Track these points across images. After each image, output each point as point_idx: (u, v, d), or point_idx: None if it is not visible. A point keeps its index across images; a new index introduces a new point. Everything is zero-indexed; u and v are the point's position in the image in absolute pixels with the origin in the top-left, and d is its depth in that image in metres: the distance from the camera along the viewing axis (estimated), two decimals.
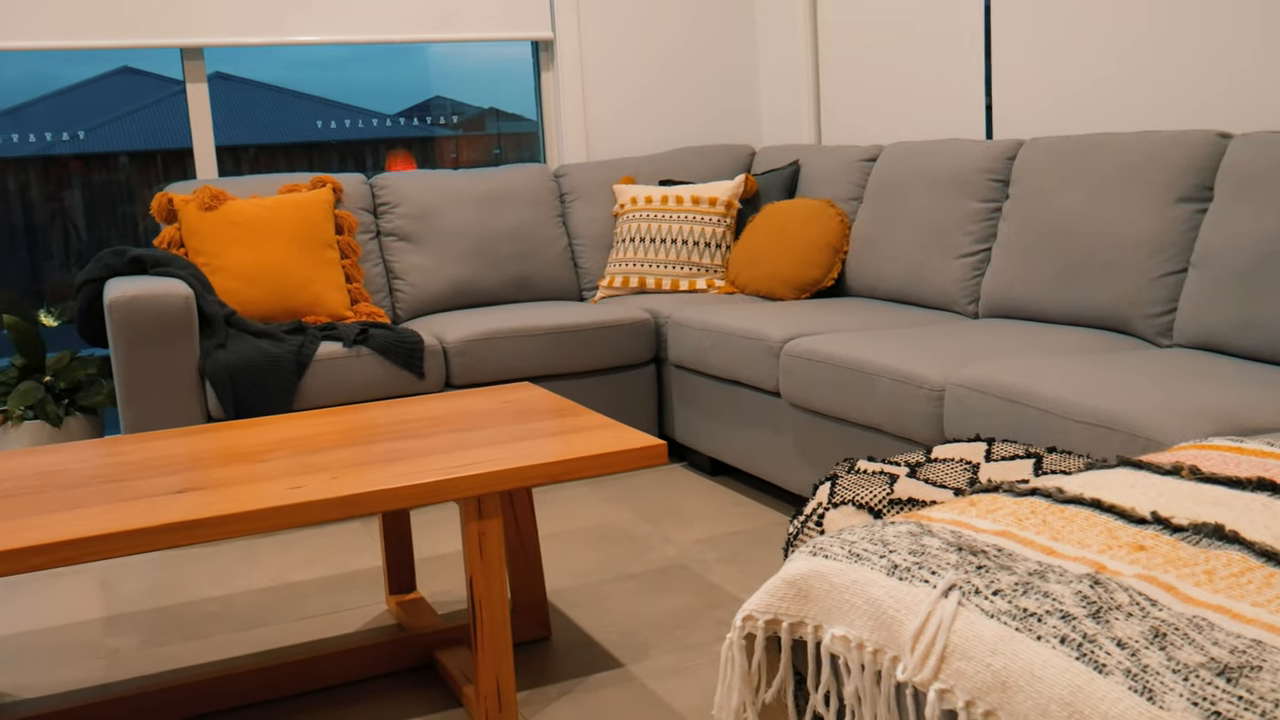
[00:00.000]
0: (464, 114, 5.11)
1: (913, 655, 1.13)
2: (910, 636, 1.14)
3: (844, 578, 1.24)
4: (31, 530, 1.76)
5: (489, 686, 2.07)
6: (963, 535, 1.28)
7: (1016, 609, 1.10)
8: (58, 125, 4.58)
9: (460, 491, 1.95)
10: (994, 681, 1.06)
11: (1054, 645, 1.04)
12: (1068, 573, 1.17)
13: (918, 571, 1.20)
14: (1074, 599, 1.10)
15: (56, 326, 4.62)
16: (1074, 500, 1.37)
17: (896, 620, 1.17)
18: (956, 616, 1.12)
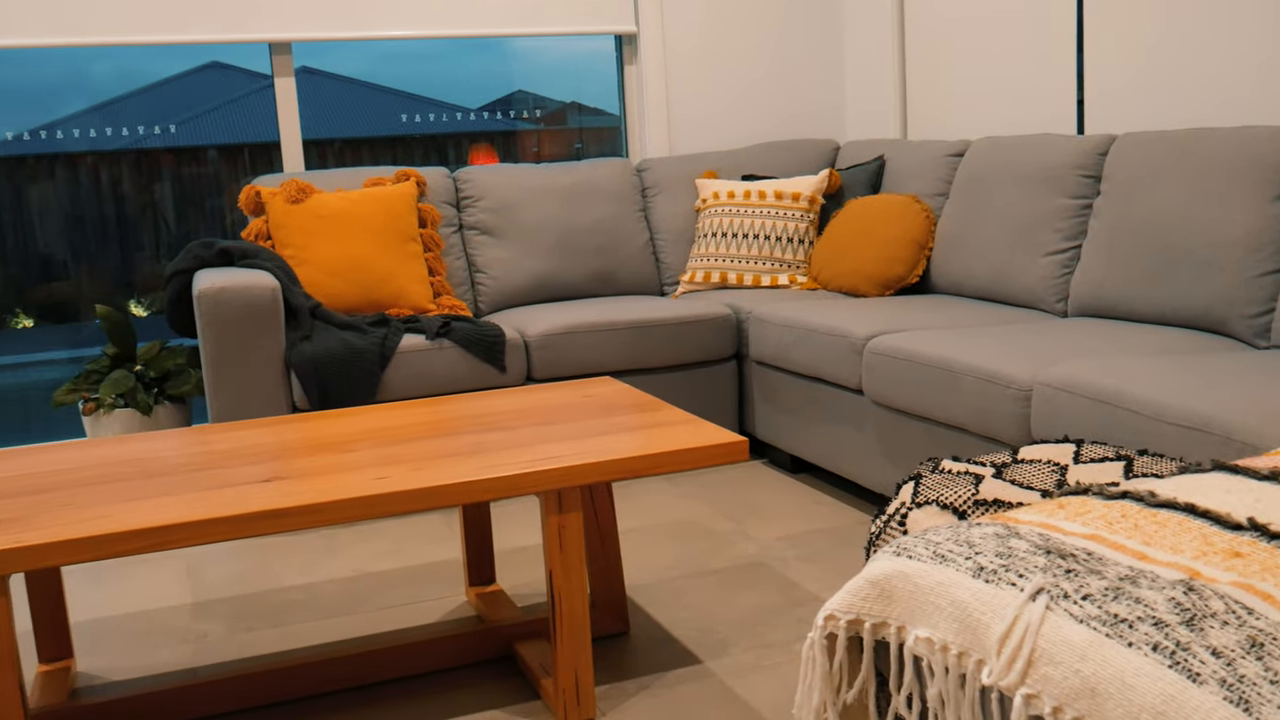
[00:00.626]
0: (546, 108, 5.12)
1: (999, 659, 1.10)
2: (997, 640, 1.11)
3: (929, 579, 1.22)
4: (122, 516, 1.80)
5: (567, 680, 2.08)
6: (1051, 538, 1.25)
7: (1107, 614, 1.07)
8: (149, 119, 4.69)
9: (541, 485, 1.95)
10: (1082, 688, 1.03)
11: (1146, 653, 1.01)
12: (1160, 579, 1.13)
13: (1004, 574, 1.17)
14: (1167, 606, 1.07)
15: (146, 317, 4.73)
16: (1167, 504, 1.33)
17: (982, 623, 1.14)
18: (1044, 621, 1.09)
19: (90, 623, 2.68)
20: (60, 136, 4.44)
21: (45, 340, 4.86)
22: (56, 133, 4.44)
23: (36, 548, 1.70)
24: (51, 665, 2.36)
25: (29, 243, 4.52)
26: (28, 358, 5.01)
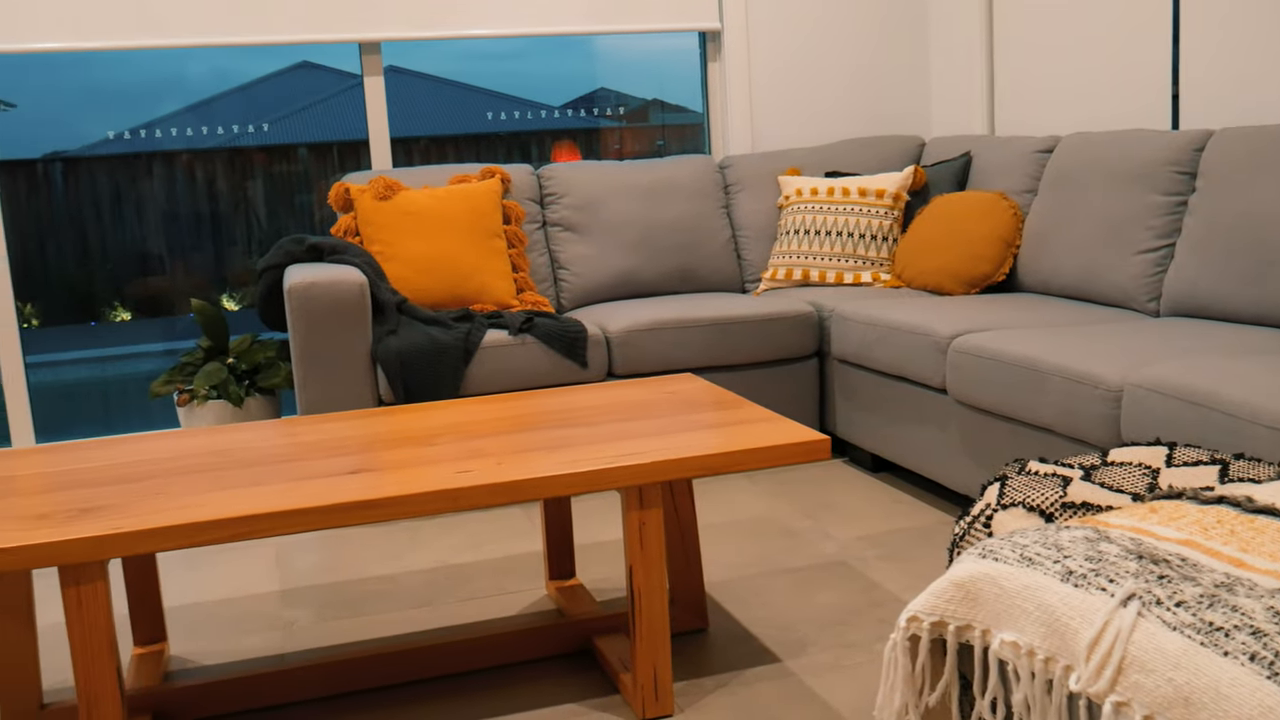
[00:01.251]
0: (628, 105, 5.13)
1: (1088, 665, 1.08)
2: (1086, 646, 1.09)
3: (1015, 582, 1.20)
4: (214, 505, 1.84)
5: (646, 675, 2.08)
6: (1143, 543, 1.23)
7: (1202, 622, 1.04)
8: (243, 118, 4.78)
9: (622, 481, 1.96)
10: (1175, 697, 1.01)
11: (1242, 662, 0.98)
12: (1258, 587, 1.10)
13: (1094, 579, 1.15)
14: (1265, 615, 1.04)
15: (237, 310, 4.84)
16: (1265, 510, 1.30)
17: (1071, 628, 1.12)
18: (1136, 627, 1.07)
19: (183, 607, 2.75)
20: (159, 135, 4.56)
21: (142, 333, 4.99)
22: (155, 132, 4.55)
23: (133, 534, 1.75)
24: (146, 648, 2.43)
25: (128, 239, 4.64)
26: (125, 350, 5.14)
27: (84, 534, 1.73)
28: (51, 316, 4.68)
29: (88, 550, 1.73)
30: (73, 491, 1.97)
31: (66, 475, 2.08)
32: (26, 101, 4.41)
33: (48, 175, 4.53)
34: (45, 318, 4.68)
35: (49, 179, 4.54)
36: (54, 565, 1.73)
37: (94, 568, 1.79)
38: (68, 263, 4.62)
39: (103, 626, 1.81)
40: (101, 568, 1.79)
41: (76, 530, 1.75)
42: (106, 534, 1.73)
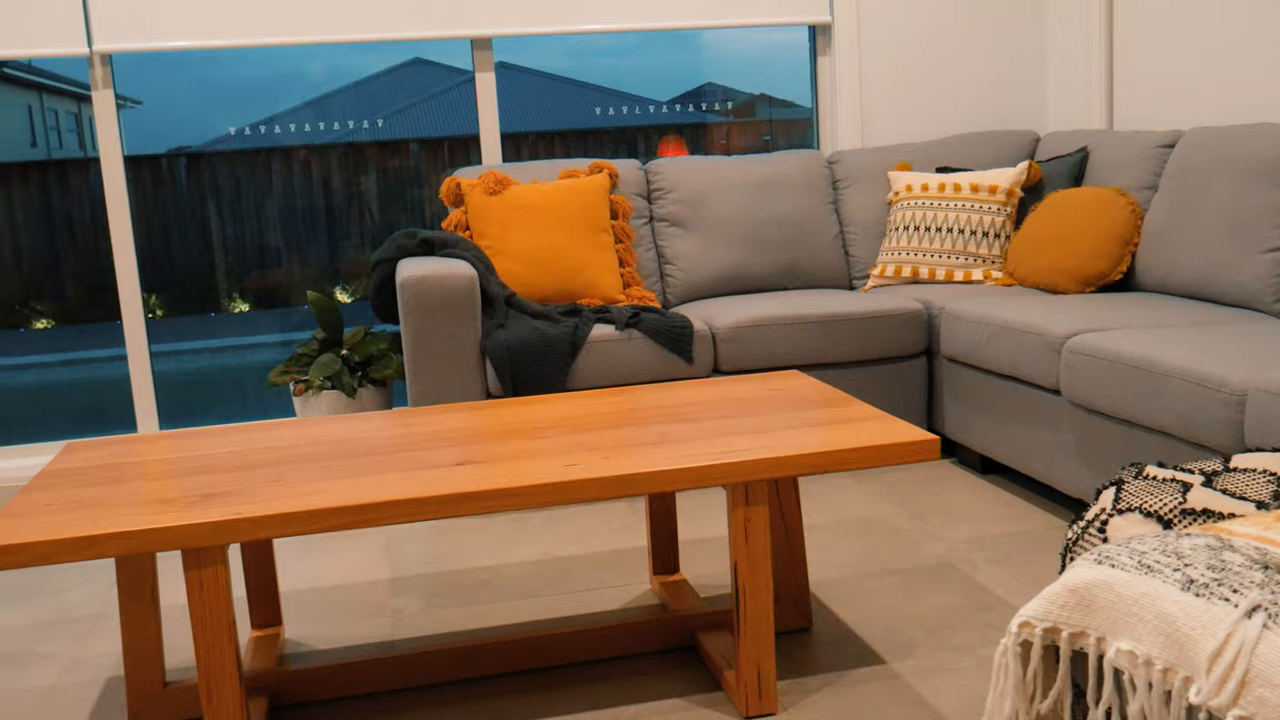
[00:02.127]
0: (735, 100, 5.11)
1: (1209, 678, 1.05)
2: (1207, 657, 1.06)
3: (1133, 589, 1.17)
4: (329, 494, 1.89)
5: (749, 673, 2.08)
6: (1269, 553, 1.19)
7: None
8: (358, 114, 4.88)
9: (728, 477, 1.96)
10: None
11: None
12: None
13: (1217, 589, 1.12)
14: None
15: (350, 303, 4.94)
16: None
17: (1191, 639, 1.09)
18: (1261, 640, 1.04)
19: (297, 592, 2.82)
20: (278, 131, 4.68)
21: (258, 324, 5.13)
22: (275, 128, 4.67)
23: (252, 520, 1.80)
24: (263, 631, 2.50)
25: (246, 232, 4.77)
26: (242, 340, 5.29)
27: (206, 519, 1.79)
28: (174, 307, 4.84)
29: (210, 535, 1.78)
30: (195, 478, 2.03)
31: (189, 462, 2.15)
32: (153, 98, 4.55)
33: (171, 170, 4.68)
34: (168, 309, 4.84)
35: (172, 174, 4.69)
36: (177, 549, 1.79)
37: (215, 552, 1.84)
38: (190, 255, 4.77)
39: (223, 609, 1.87)
40: (222, 552, 1.85)
41: (199, 515, 1.81)
42: (228, 519, 1.79)
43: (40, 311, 4.73)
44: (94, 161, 4.53)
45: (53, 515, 1.85)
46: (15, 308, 4.69)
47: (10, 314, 4.69)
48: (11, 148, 4.71)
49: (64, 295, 4.69)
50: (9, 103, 4.89)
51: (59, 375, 5.12)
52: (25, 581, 3.03)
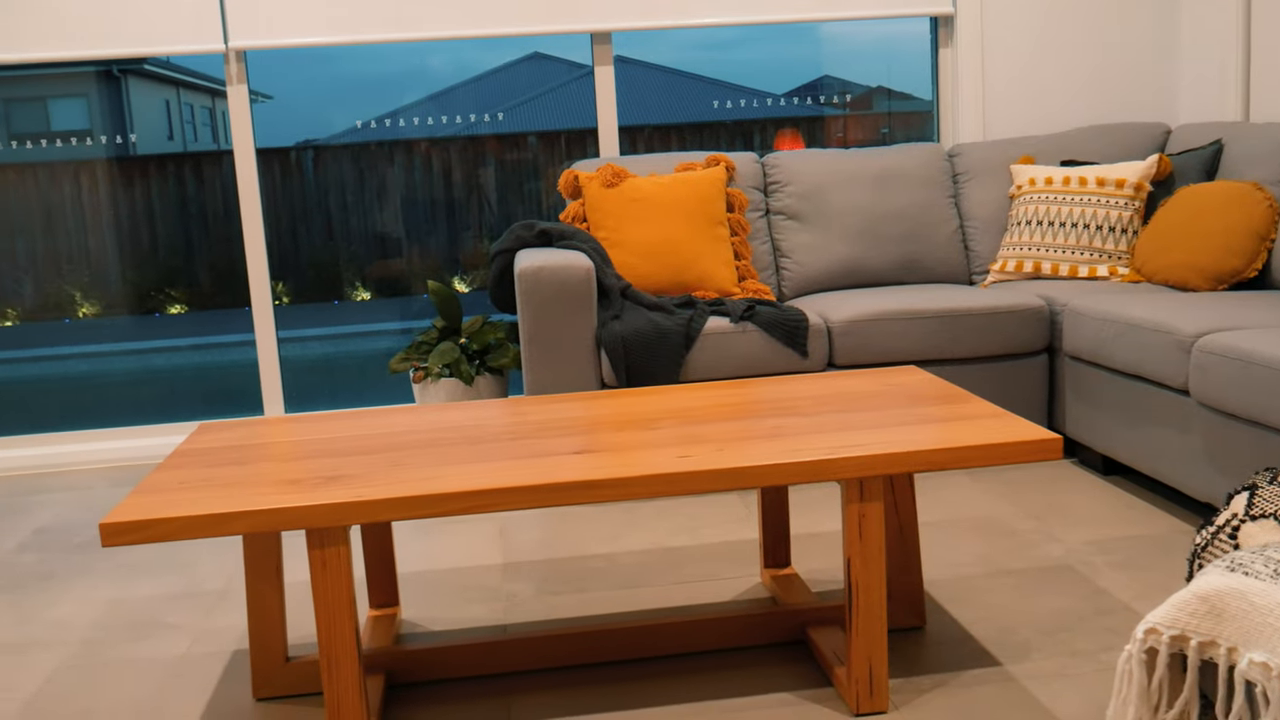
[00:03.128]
0: (852, 93, 5.06)
1: None
2: None
3: (1269, 599, 1.13)
4: (447, 479, 1.93)
5: (861, 670, 2.07)
6: None
7: None
8: (479, 108, 4.95)
9: (844, 472, 1.94)
10: None
11: None
12: None
13: None
14: None
15: (468, 293, 5.02)
16: None
17: None
18: None
19: (414, 574, 2.88)
20: (401, 125, 4.77)
21: (379, 312, 5.25)
22: (399, 121, 4.77)
23: (373, 503, 1.85)
24: (380, 611, 2.56)
25: (369, 223, 4.88)
26: (364, 327, 5.42)
27: (330, 500, 1.84)
28: (300, 295, 4.97)
29: (333, 516, 1.84)
30: (320, 460, 2.09)
31: (314, 445, 2.21)
32: (282, 93, 4.68)
33: (299, 163, 4.81)
34: (294, 296, 4.97)
35: (300, 166, 4.82)
36: (302, 528, 1.84)
37: (338, 532, 1.90)
38: (315, 245, 4.90)
39: (344, 588, 1.92)
40: (345, 532, 1.90)
41: (323, 496, 1.86)
42: (350, 501, 1.84)
43: (174, 297, 4.90)
44: (227, 154, 4.67)
45: (186, 493, 1.92)
46: (151, 294, 4.87)
47: (146, 300, 4.88)
48: (150, 141, 4.89)
49: (196, 282, 4.86)
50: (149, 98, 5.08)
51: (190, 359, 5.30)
52: (158, 555, 3.16)
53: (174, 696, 2.29)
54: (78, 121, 4.80)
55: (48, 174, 4.71)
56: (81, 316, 4.90)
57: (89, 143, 4.70)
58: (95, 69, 4.77)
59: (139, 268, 4.81)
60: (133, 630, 2.64)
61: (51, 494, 3.87)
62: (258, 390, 4.38)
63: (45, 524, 3.52)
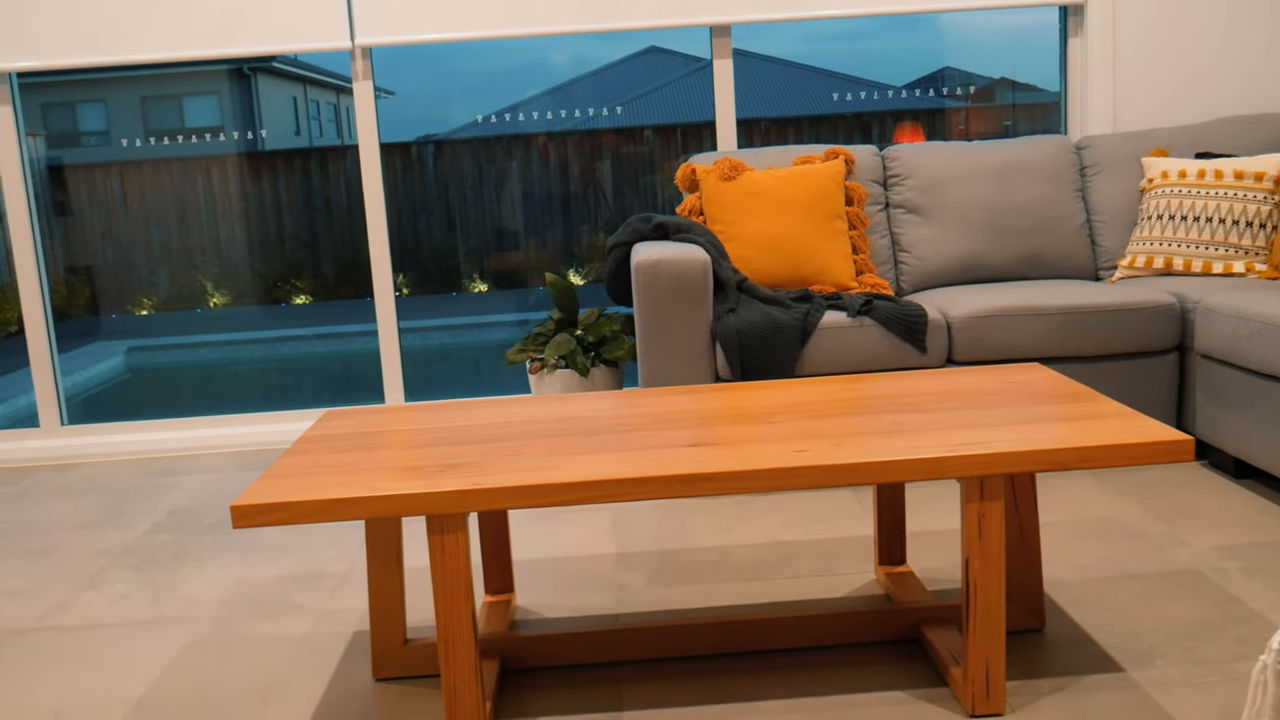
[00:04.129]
0: (974, 84, 4.96)
1: None
2: None
3: None
4: (564, 469, 1.95)
5: (978, 671, 2.03)
6: None
7: None
8: (595, 102, 4.98)
9: (964, 470, 1.91)
10: None
11: None
12: None
13: None
14: None
15: (583, 285, 5.06)
16: None
17: None
18: None
19: (528, 562, 2.92)
20: (521, 119, 4.83)
21: (496, 304, 5.32)
22: (518, 115, 4.83)
23: (491, 491, 1.88)
24: (496, 597, 2.60)
25: (487, 216, 4.95)
26: (480, 319, 5.50)
27: (449, 488, 1.87)
28: (419, 286, 5.07)
29: (452, 503, 1.87)
30: (439, 448, 2.13)
31: (434, 433, 2.26)
32: (404, 89, 4.77)
33: (420, 156, 4.90)
34: (414, 287, 5.07)
35: (420, 160, 4.91)
36: (422, 514, 1.88)
37: (457, 519, 1.93)
38: (434, 237, 4.99)
39: (462, 573, 1.95)
40: (463, 519, 1.94)
41: (443, 484, 1.89)
42: (469, 489, 1.87)
43: (299, 288, 5.04)
44: (351, 149, 4.79)
45: (312, 478, 1.98)
46: (277, 284, 5.02)
47: (273, 290, 5.02)
48: (278, 136, 5.04)
49: (320, 273, 4.99)
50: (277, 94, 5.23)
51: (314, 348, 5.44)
52: (284, 537, 3.25)
53: (298, 674, 2.36)
54: (210, 118, 4.96)
55: (182, 169, 4.88)
56: (212, 306, 5.07)
57: (221, 139, 4.85)
58: (227, 67, 4.93)
59: (266, 259, 4.96)
60: (259, 609, 2.73)
61: (184, 476, 4.02)
62: (379, 379, 4.48)
63: (178, 505, 3.65)
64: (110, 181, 4.89)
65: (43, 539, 3.39)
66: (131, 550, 3.23)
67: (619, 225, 3.75)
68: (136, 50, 4.13)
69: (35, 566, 3.14)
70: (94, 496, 3.82)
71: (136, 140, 4.95)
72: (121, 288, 5.02)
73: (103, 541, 3.32)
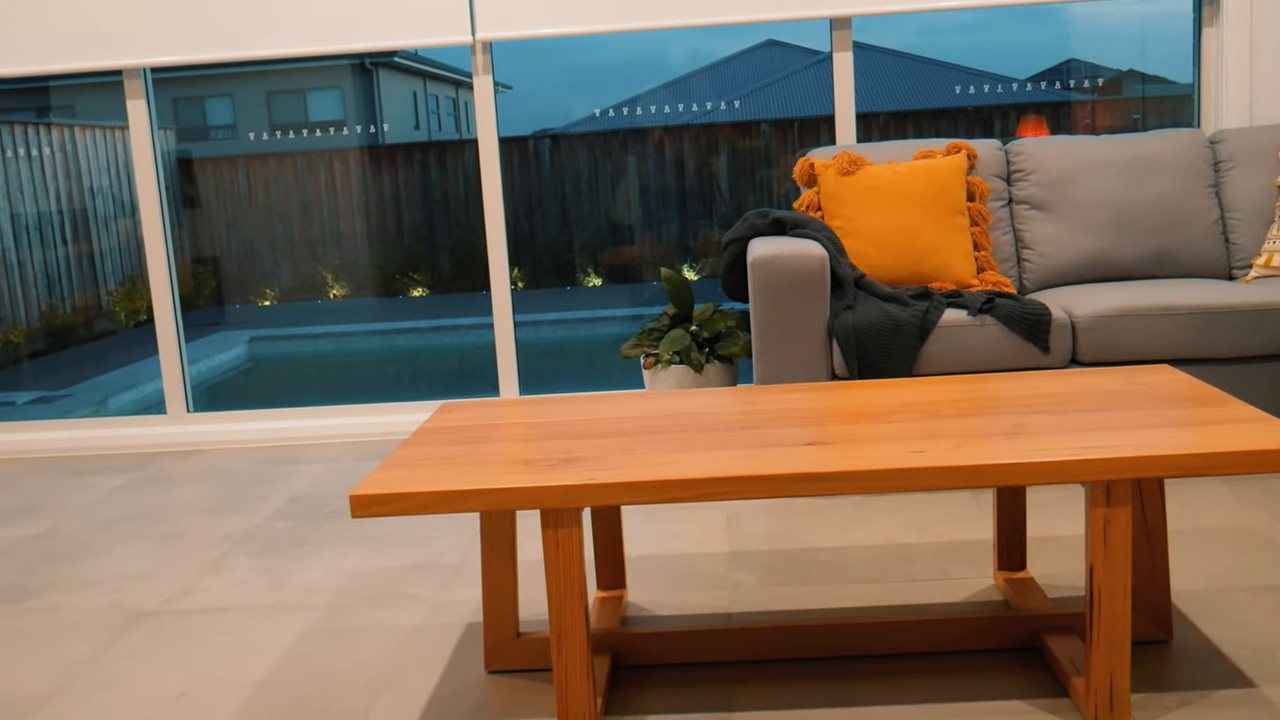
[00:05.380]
0: (1101, 77, 4.81)
1: None
2: None
3: None
4: (679, 465, 1.94)
5: (1101, 682, 1.97)
6: None
7: None
8: (712, 96, 4.96)
9: (1090, 474, 1.85)
10: None
11: None
12: None
13: None
14: None
15: (696, 280, 5.04)
16: None
17: None
18: None
19: (640, 558, 2.92)
20: (639, 113, 4.84)
21: (609, 298, 5.34)
22: (635, 109, 4.84)
23: (605, 486, 1.88)
24: (608, 593, 2.61)
25: (602, 210, 4.97)
26: (594, 313, 5.53)
27: (564, 482, 1.88)
28: (533, 280, 5.11)
29: (567, 497, 1.87)
30: (554, 442, 2.14)
31: (548, 427, 2.27)
32: (522, 83, 4.81)
33: (536, 151, 4.94)
34: (529, 281, 5.11)
35: (537, 154, 4.94)
36: (536, 508, 1.89)
37: (571, 514, 1.94)
38: (550, 231, 5.02)
39: (575, 568, 1.96)
40: (577, 514, 1.94)
41: (558, 478, 1.90)
42: (584, 484, 1.87)
43: (417, 280, 5.12)
44: (468, 143, 4.85)
45: (429, 469, 2.00)
46: (395, 277, 5.11)
47: (391, 282, 5.11)
48: (399, 130, 5.12)
49: (437, 266, 5.06)
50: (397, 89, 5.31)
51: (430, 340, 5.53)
52: (399, 527, 3.31)
53: (411, 663, 2.40)
54: (333, 112, 5.07)
55: (305, 162, 5.00)
56: (332, 297, 5.18)
57: (345, 132, 4.96)
58: (349, 62, 5.02)
59: (385, 252, 5.05)
60: (374, 598, 2.78)
61: (304, 465, 4.11)
62: (493, 371, 4.53)
63: (298, 493, 3.74)
64: (236, 174, 5.04)
65: (168, 524, 3.50)
66: (252, 536, 3.32)
67: (734, 220, 3.73)
68: (264, 46, 4.24)
69: (161, 551, 3.25)
70: (217, 483, 3.94)
71: (262, 134, 5.08)
72: (245, 278, 5.16)
73: (225, 527, 3.42)
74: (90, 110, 5.03)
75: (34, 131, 5.02)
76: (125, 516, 3.60)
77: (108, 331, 5.24)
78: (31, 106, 5.08)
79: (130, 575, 3.06)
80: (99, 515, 3.63)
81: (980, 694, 2.12)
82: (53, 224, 5.10)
